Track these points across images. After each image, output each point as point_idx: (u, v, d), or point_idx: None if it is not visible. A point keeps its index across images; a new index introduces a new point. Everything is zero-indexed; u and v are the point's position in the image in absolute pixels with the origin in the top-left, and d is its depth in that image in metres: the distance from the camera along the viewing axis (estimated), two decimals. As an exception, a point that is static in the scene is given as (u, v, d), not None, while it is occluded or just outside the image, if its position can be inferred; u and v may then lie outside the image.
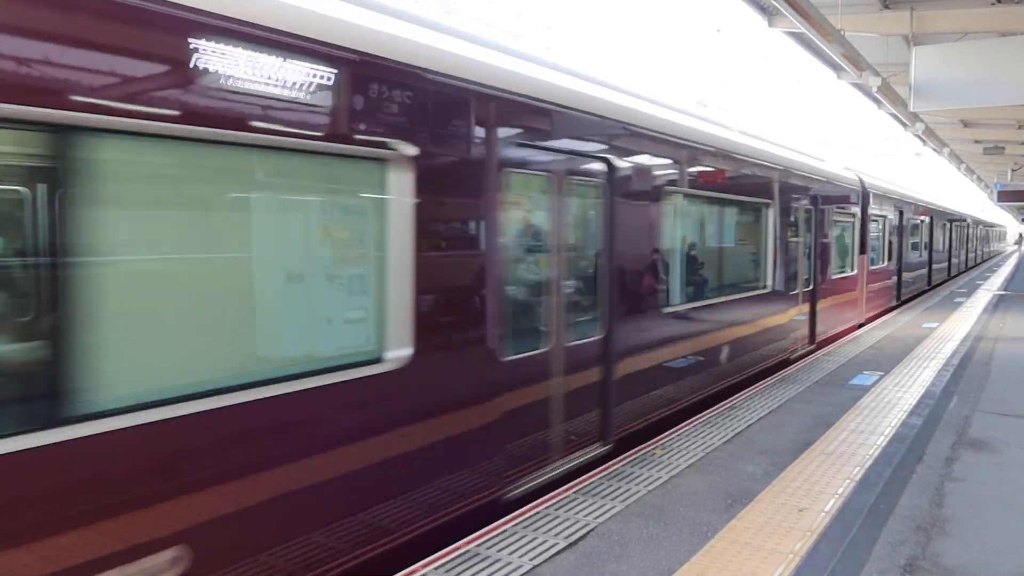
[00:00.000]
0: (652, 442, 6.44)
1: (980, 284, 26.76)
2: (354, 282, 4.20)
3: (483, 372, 4.85)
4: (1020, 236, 73.20)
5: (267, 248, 3.76)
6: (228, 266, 3.60)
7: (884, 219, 16.79)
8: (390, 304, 4.21)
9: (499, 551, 4.29)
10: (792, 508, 4.98)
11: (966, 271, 37.47)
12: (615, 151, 6.20)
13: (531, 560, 4.19)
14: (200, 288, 3.47)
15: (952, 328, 14.07)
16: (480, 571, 4.05)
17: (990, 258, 58.90)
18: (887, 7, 12.58)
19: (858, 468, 5.79)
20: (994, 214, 71.23)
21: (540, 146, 5.39)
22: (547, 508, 4.95)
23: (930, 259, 24.69)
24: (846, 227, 13.85)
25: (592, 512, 4.88)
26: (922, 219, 22.57)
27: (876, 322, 15.14)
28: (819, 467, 5.82)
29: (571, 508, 4.94)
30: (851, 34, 11.82)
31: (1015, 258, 53.69)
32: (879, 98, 15.40)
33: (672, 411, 7.36)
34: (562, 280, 5.69)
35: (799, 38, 13.34)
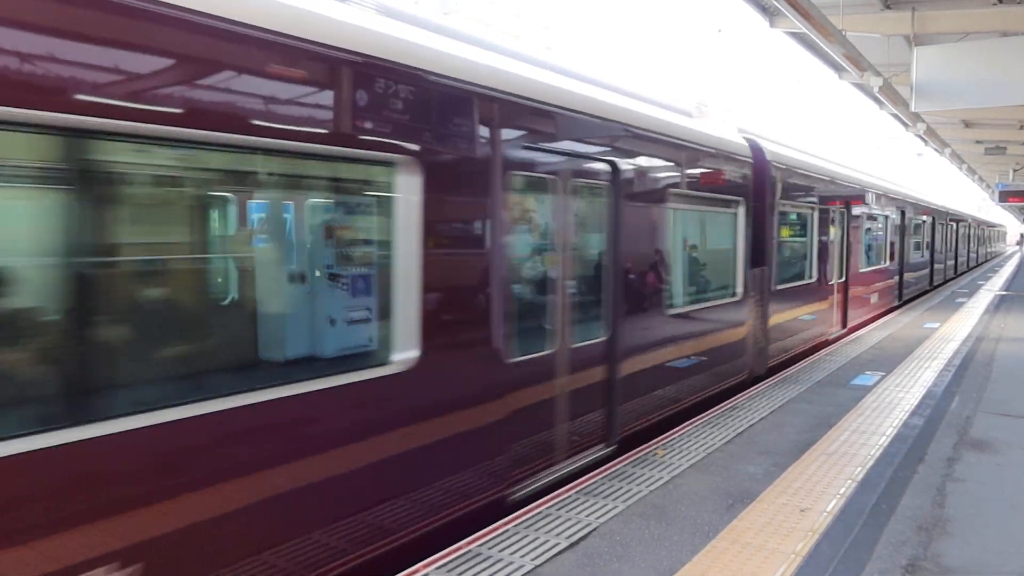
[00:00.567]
0: (653, 442, 6.44)
1: (982, 284, 26.75)
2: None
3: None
4: (1022, 236, 72.13)
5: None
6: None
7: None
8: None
9: (501, 551, 4.29)
10: (794, 508, 4.98)
11: (954, 278, 31.53)
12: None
13: (533, 560, 4.19)
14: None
15: (953, 328, 14.06)
16: (482, 571, 4.05)
17: (984, 261, 53.04)
18: (888, 7, 12.56)
19: (860, 468, 5.79)
20: (995, 213, 67.42)
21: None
22: (548, 508, 4.95)
23: (902, 268, 19.06)
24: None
25: (594, 512, 4.88)
26: (881, 212, 16.51)
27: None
28: (821, 467, 5.82)
29: (573, 508, 4.94)
30: (852, 34, 11.81)
31: (1016, 259, 53.46)
32: (880, 98, 15.38)
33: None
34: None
35: (800, 38, 13.32)
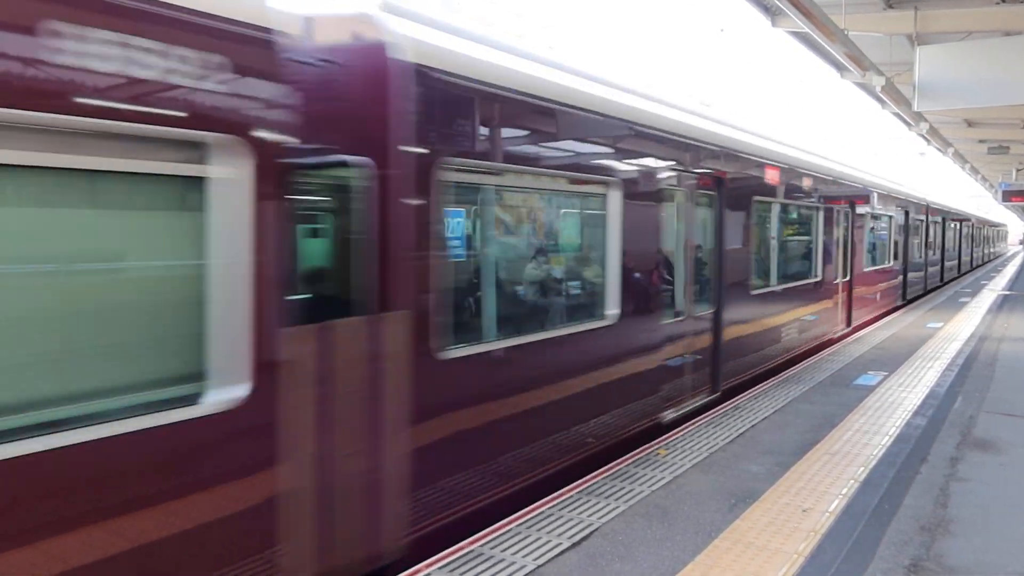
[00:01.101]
0: (655, 442, 6.44)
1: (985, 284, 26.70)
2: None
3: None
4: None
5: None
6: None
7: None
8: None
9: (503, 551, 4.29)
10: (796, 508, 4.97)
11: (939, 287, 25.57)
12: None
13: (535, 560, 4.19)
14: None
15: (956, 328, 14.04)
16: (484, 571, 4.05)
17: (982, 264, 47.78)
18: (891, 6, 12.54)
19: (862, 468, 5.78)
20: (994, 212, 63.77)
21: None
22: (551, 508, 4.95)
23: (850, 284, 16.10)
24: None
25: (596, 512, 4.88)
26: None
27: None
28: (823, 467, 5.82)
29: (575, 508, 4.95)
30: (855, 34, 11.79)
31: (1019, 260, 53.09)
32: (883, 98, 15.33)
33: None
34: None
35: (803, 38, 13.31)
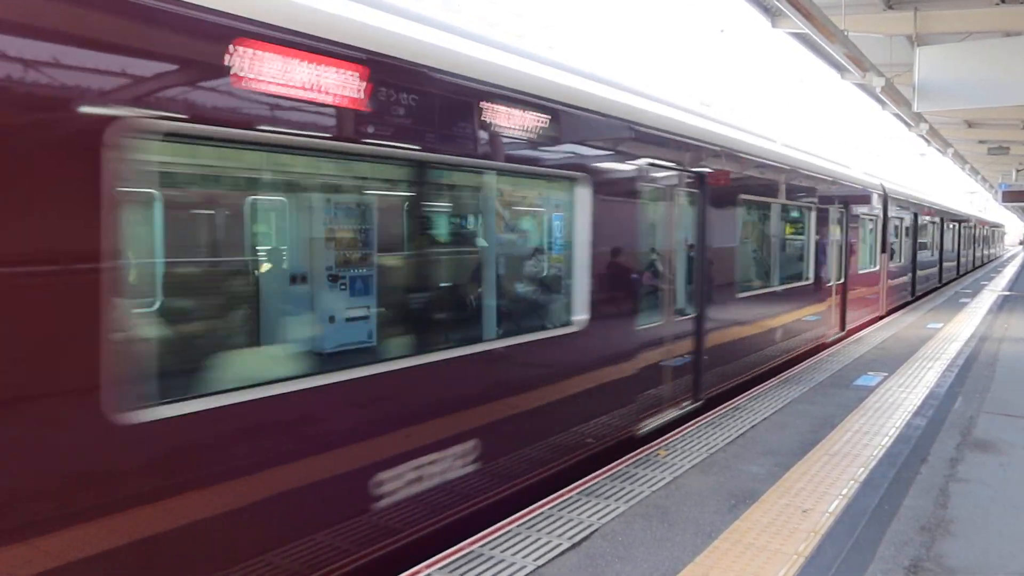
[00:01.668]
0: (655, 442, 6.44)
1: (985, 285, 26.70)
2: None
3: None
4: None
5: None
6: None
7: None
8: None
9: (503, 551, 4.29)
10: (796, 509, 4.97)
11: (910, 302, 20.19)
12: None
13: (535, 560, 4.19)
14: None
15: (957, 329, 14.04)
16: (484, 571, 4.05)
17: (975, 268, 41.41)
18: (891, 7, 12.55)
19: (862, 469, 5.78)
20: (990, 210, 60.35)
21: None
22: (551, 509, 4.95)
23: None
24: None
25: (596, 513, 4.88)
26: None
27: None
28: (823, 468, 5.81)
29: (575, 509, 4.94)
30: (855, 34, 11.79)
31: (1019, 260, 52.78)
32: (883, 98, 15.34)
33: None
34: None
35: (802, 39, 13.31)
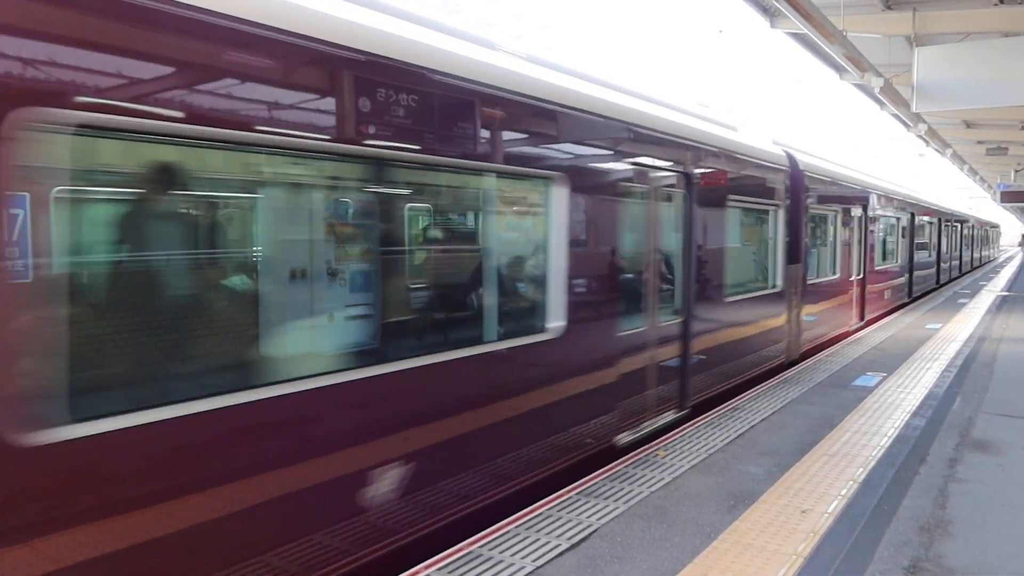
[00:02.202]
0: (655, 443, 6.44)
1: (984, 285, 26.72)
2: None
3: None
4: None
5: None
6: None
7: None
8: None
9: (501, 552, 4.29)
10: (795, 509, 4.97)
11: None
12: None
13: (533, 561, 4.18)
14: None
15: (955, 329, 14.04)
16: (483, 572, 4.05)
17: (962, 274, 34.40)
18: (889, 8, 12.56)
19: (861, 469, 5.78)
20: (985, 208, 57.07)
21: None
22: (549, 509, 4.94)
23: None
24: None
25: (595, 513, 4.87)
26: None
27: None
28: (822, 468, 5.81)
29: (573, 509, 4.94)
30: (853, 35, 11.80)
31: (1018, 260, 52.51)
32: (882, 99, 15.35)
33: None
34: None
35: (801, 39, 13.32)
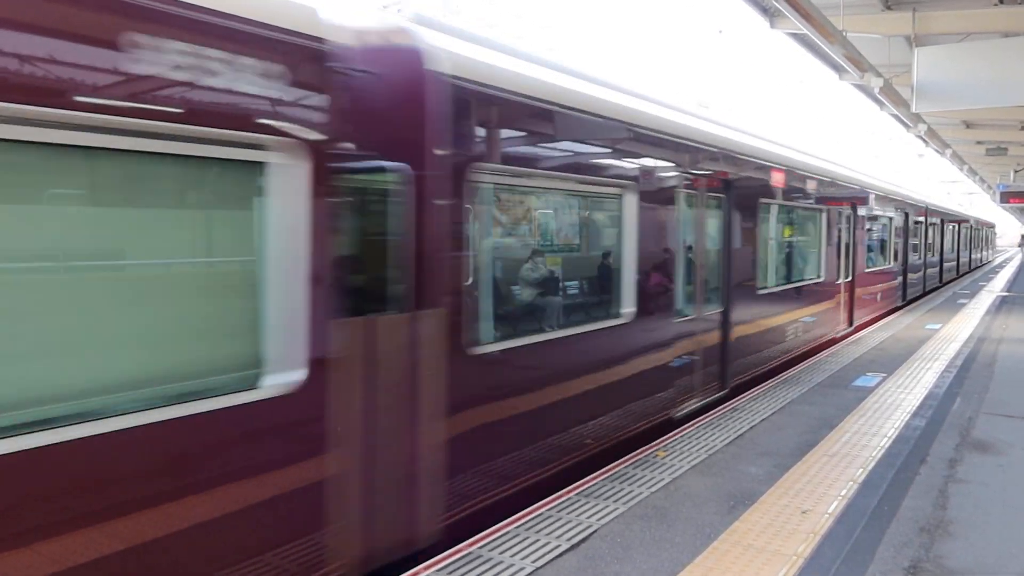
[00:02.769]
0: (654, 443, 6.43)
1: (983, 285, 26.71)
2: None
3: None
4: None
5: None
6: None
7: None
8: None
9: (501, 553, 4.28)
10: (795, 510, 4.97)
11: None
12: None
13: (533, 562, 4.18)
14: None
15: (955, 329, 14.04)
16: (483, 573, 4.04)
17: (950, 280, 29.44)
18: (889, 8, 12.55)
19: (861, 470, 5.78)
20: (980, 205, 53.95)
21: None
22: (549, 510, 4.94)
23: None
24: None
25: (594, 514, 4.87)
26: None
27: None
28: (822, 469, 5.81)
29: (573, 510, 4.93)
30: (853, 35, 11.79)
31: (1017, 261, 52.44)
32: (881, 99, 15.34)
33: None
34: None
35: (801, 39, 13.31)
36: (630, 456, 6.07)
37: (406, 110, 4.37)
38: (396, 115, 4.37)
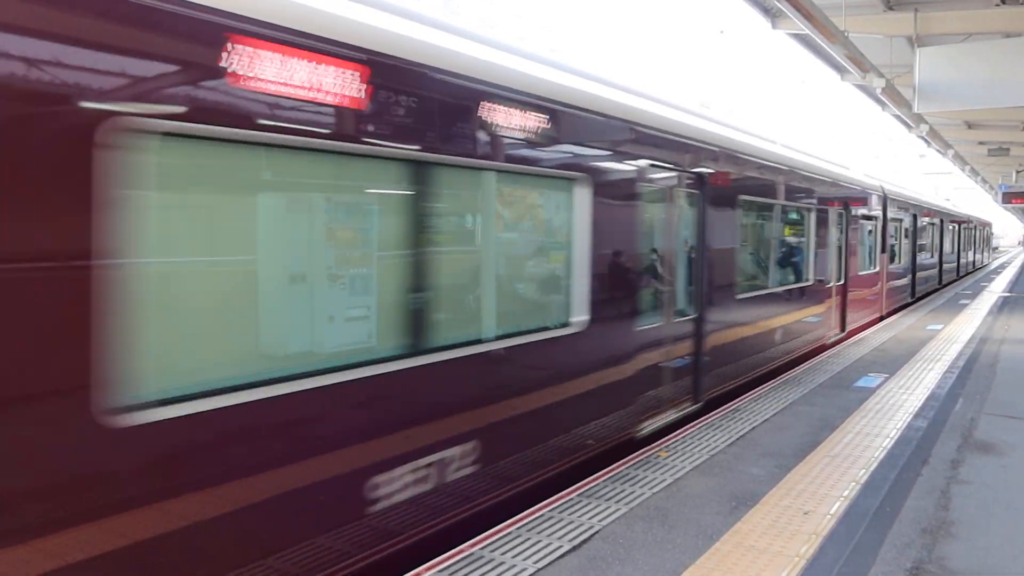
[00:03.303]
0: (655, 444, 6.43)
1: (985, 286, 26.69)
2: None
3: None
4: None
5: None
6: None
7: None
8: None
9: (503, 554, 4.28)
10: (797, 511, 4.96)
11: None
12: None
13: (535, 563, 4.17)
14: None
15: (957, 330, 14.03)
16: (484, 573, 4.03)
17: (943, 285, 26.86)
18: (891, 8, 12.55)
19: (863, 470, 5.77)
20: (976, 204, 52.71)
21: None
22: (551, 511, 4.93)
23: None
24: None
25: (596, 515, 4.86)
26: None
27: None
28: (824, 469, 5.80)
29: (575, 511, 4.93)
30: (855, 35, 11.80)
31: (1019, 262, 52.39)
32: (883, 99, 15.34)
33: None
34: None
35: (803, 40, 13.32)
36: (632, 457, 6.07)
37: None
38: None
